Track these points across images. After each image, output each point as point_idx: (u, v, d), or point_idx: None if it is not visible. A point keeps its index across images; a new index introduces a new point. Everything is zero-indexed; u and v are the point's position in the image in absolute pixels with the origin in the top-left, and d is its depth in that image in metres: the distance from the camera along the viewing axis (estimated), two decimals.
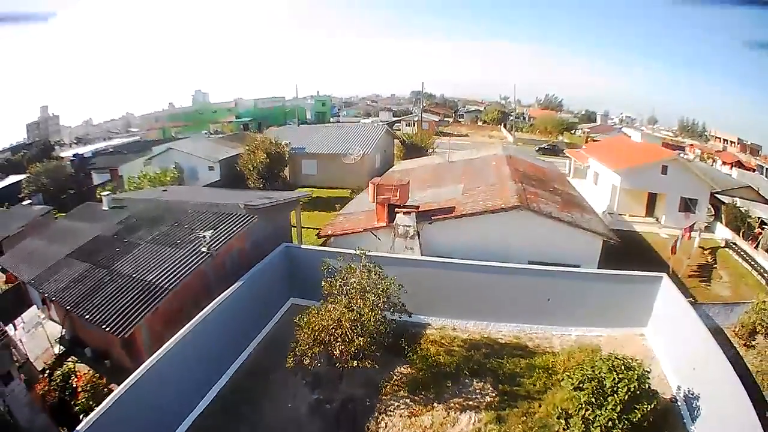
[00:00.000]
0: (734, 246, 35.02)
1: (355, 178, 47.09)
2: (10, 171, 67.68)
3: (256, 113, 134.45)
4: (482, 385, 18.62)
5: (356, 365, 16.69)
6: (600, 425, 14.32)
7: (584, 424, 14.69)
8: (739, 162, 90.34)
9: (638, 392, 14.31)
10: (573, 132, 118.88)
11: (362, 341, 16.25)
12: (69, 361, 21.75)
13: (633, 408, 14.15)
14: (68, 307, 19.57)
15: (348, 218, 27.12)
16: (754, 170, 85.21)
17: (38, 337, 23.94)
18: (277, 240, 24.88)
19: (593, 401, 14.55)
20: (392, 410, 17.55)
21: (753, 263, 32.02)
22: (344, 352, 16.51)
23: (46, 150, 76.30)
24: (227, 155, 52.21)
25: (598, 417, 14.36)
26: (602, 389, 14.62)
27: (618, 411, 14.07)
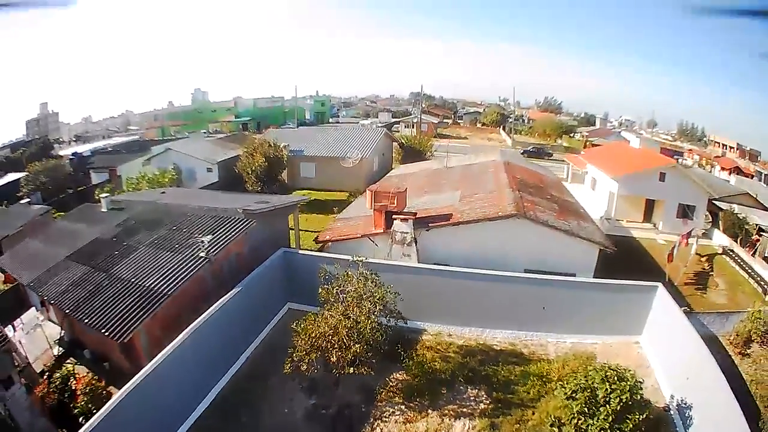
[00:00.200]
0: (731, 253, 35.13)
1: (353, 181, 47.38)
2: (9, 168, 67.63)
3: (256, 113, 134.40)
4: (477, 392, 18.78)
5: (352, 372, 16.79)
6: None
7: None
8: (738, 168, 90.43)
9: (630, 403, 14.49)
10: (572, 135, 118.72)
11: (358, 348, 16.38)
12: (68, 363, 21.90)
13: (625, 418, 14.32)
14: (68, 311, 19.67)
15: (346, 223, 27.23)
16: (753, 176, 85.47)
17: (37, 339, 24.01)
18: (275, 244, 24.98)
19: (586, 411, 14.73)
20: (387, 416, 17.71)
21: (750, 271, 32.13)
22: (341, 359, 16.65)
23: (46, 148, 76.17)
24: (226, 157, 52.27)
25: (590, 426, 14.54)
26: (595, 399, 14.80)
27: (610, 421, 14.25)
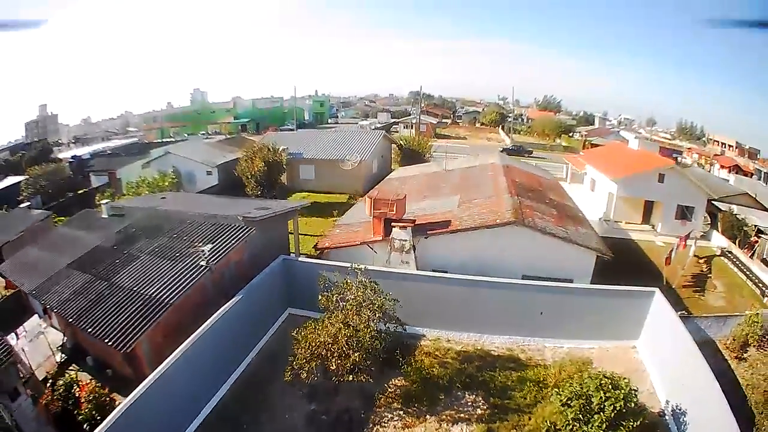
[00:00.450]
0: (730, 255, 35.19)
1: (353, 183, 47.70)
2: (9, 171, 67.81)
3: (255, 114, 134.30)
4: (474, 398, 19.00)
5: (352, 379, 17.00)
6: None
7: None
8: (737, 166, 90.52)
9: (624, 410, 14.69)
10: (571, 135, 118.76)
11: (357, 356, 16.64)
12: (71, 370, 22.12)
13: (619, 425, 14.55)
14: (70, 320, 19.92)
15: (345, 230, 27.40)
16: (752, 174, 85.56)
17: (40, 345, 24.17)
18: (275, 250, 25.18)
19: (580, 418, 14.98)
20: (386, 422, 17.92)
21: (748, 273, 32.20)
22: (340, 367, 16.89)
23: (45, 152, 76.33)
24: (225, 160, 52.43)
25: None
26: (589, 406, 15.03)
27: (604, 428, 14.48)
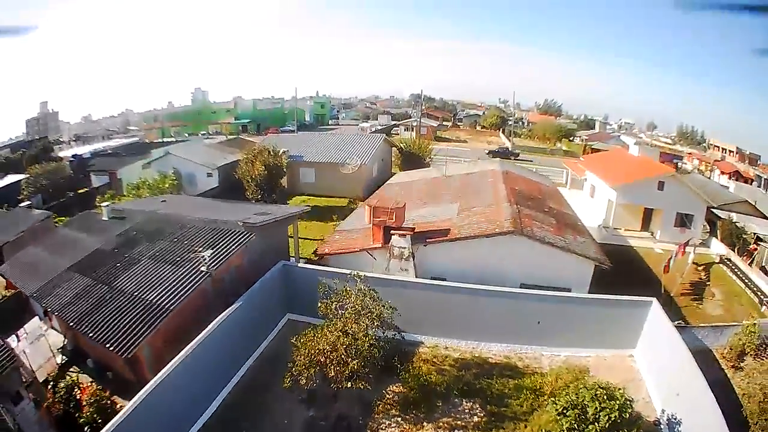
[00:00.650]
0: (729, 262, 35.27)
1: (353, 187, 47.92)
2: (9, 169, 67.60)
3: (255, 115, 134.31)
4: (471, 405, 19.16)
5: (350, 386, 17.14)
6: None
7: None
8: (738, 172, 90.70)
9: (619, 421, 14.83)
10: (571, 139, 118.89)
11: (356, 364, 16.83)
12: (71, 372, 22.27)
13: None
14: (71, 324, 20.07)
15: (344, 236, 27.58)
16: (752, 180, 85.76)
17: (41, 347, 24.27)
18: (275, 254, 25.36)
19: (575, 428, 15.17)
20: (384, 428, 18.12)
21: (747, 281, 32.23)
22: (339, 374, 17.05)
23: (46, 150, 76.23)
24: (225, 161, 52.65)
25: None
26: (585, 417, 15.22)
27: None
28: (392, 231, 23.77)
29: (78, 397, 19.13)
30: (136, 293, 20.45)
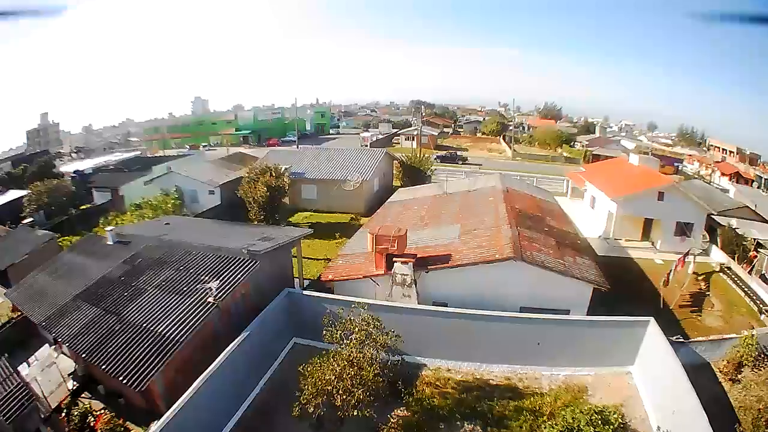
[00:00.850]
0: (729, 270, 35.42)
1: (355, 203, 48.50)
2: (11, 184, 67.90)
3: (256, 126, 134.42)
4: (472, 427, 19.58)
5: (356, 414, 17.53)
6: None
7: None
8: (738, 173, 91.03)
9: None
10: (572, 145, 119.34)
11: (362, 394, 17.30)
12: (83, 398, 22.64)
13: None
14: (83, 355, 20.53)
15: (348, 260, 27.93)
16: (753, 181, 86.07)
17: (52, 373, 24.39)
18: (280, 277, 25.92)
19: None
20: None
21: (746, 290, 32.33)
22: (345, 402, 17.46)
23: (47, 166, 75.61)
24: (227, 179, 52.82)
25: None
26: None
27: None
28: (395, 258, 24.14)
29: (92, 425, 19.58)
30: (145, 325, 20.87)
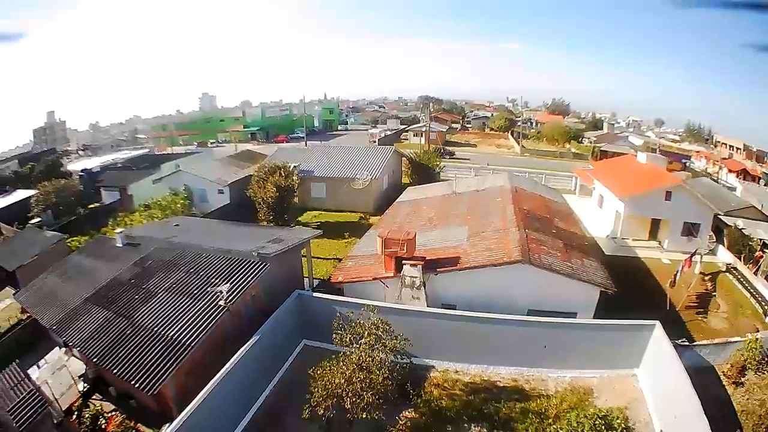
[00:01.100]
0: (735, 271, 35.36)
1: (364, 201, 48.51)
2: (18, 183, 68.12)
3: (264, 122, 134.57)
4: (479, 430, 19.76)
5: (365, 416, 17.77)
6: None
7: None
8: (745, 170, 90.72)
9: None
10: (580, 141, 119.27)
11: (371, 397, 17.48)
12: (94, 399, 22.93)
13: None
14: (95, 359, 20.77)
15: (357, 262, 28.05)
16: (760, 178, 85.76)
17: (62, 375, 24.61)
18: (289, 279, 26.15)
19: None
20: None
21: (752, 291, 32.27)
22: (354, 405, 17.67)
23: (55, 165, 75.68)
24: (237, 177, 52.61)
25: None
26: None
27: None
28: (404, 261, 24.26)
29: (104, 427, 19.86)
30: (156, 329, 21.05)
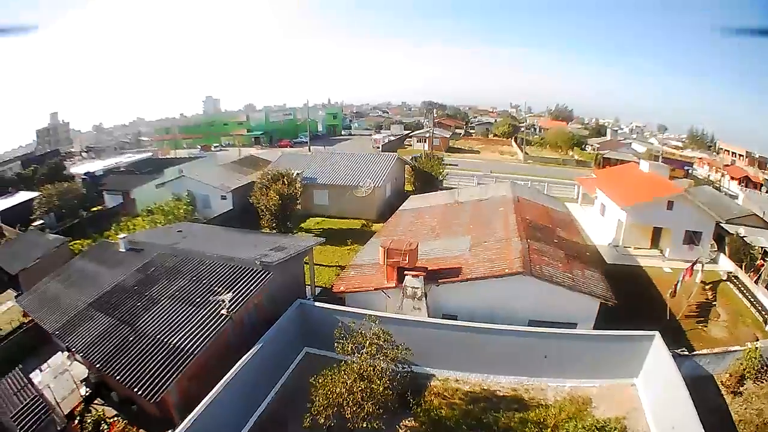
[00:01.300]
0: (735, 279, 35.34)
1: (367, 208, 48.69)
2: (21, 184, 68.29)
3: (268, 127, 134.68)
4: None
5: (365, 426, 17.88)
6: None
7: None
8: (747, 177, 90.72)
9: None
10: (583, 147, 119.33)
11: (371, 407, 17.55)
12: (96, 404, 23.04)
13: None
14: (97, 365, 20.84)
15: (359, 271, 28.15)
16: (762, 185, 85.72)
17: (64, 379, 24.64)
18: (292, 288, 26.31)
19: None
20: None
21: (753, 300, 32.22)
22: (355, 415, 17.77)
23: (58, 168, 75.46)
24: (240, 183, 52.74)
25: None
26: None
27: None
28: (406, 271, 24.33)
29: None
30: (159, 336, 21.15)
